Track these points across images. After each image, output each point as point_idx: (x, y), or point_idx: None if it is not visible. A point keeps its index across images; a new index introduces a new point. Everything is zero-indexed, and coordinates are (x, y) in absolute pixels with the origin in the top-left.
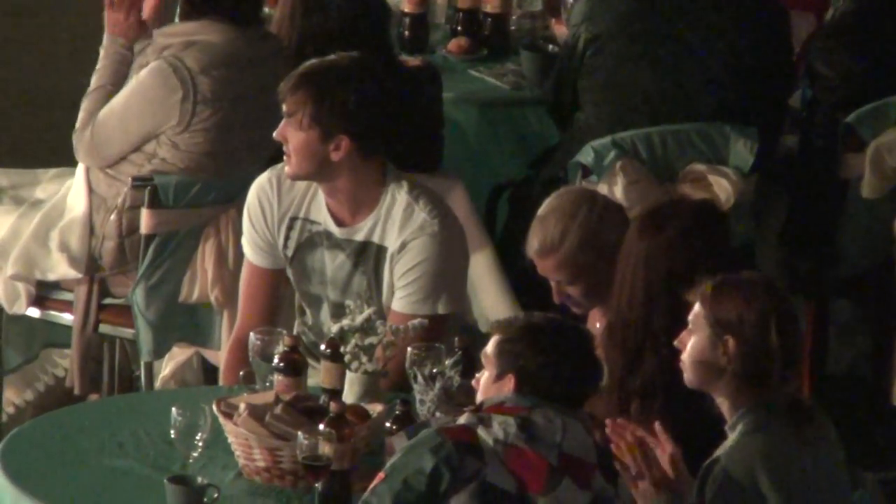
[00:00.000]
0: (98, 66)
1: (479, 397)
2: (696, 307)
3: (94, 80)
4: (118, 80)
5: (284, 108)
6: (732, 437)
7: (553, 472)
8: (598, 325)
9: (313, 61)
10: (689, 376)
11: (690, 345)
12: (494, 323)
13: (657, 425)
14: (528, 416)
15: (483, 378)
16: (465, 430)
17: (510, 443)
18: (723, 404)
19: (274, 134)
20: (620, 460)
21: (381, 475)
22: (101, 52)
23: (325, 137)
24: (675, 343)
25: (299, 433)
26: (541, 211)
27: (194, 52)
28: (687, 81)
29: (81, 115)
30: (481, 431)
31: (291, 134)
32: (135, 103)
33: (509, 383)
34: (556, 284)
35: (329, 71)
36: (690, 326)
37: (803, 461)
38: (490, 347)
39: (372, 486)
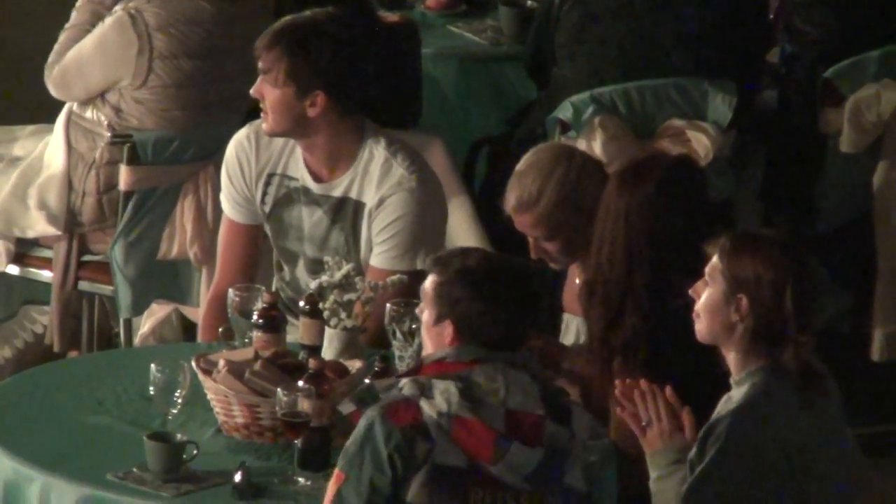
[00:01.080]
0: (78, 3)
1: (423, 335)
2: (714, 259)
3: (73, 17)
4: (96, 21)
5: (260, 64)
6: (737, 396)
7: (500, 440)
8: (576, 281)
9: (288, 18)
10: (700, 327)
11: (705, 296)
12: (430, 259)
13: (669, 390)
14: (469, 375)
15: (423, 316)
16: (409, 408)
17: (454, 413)
18: (732, 359)
19: (251, 90)
20: (628, 407)
21: (339, 475)
22: None
23: (301, 94)
24: (690, 292)
25: (278, 389)
26: (519, 166)
27: (155, 6)
28: (662, 35)
29: (55, 49)
30: (424, 405)
31: (268, 91)
32: (94, 50)
33: (449, 329)
34: (533, 240)
35: (304, 27)
36: (706, 277)
37: (807, 426)
38: (427, 286)
39: (335, 488)
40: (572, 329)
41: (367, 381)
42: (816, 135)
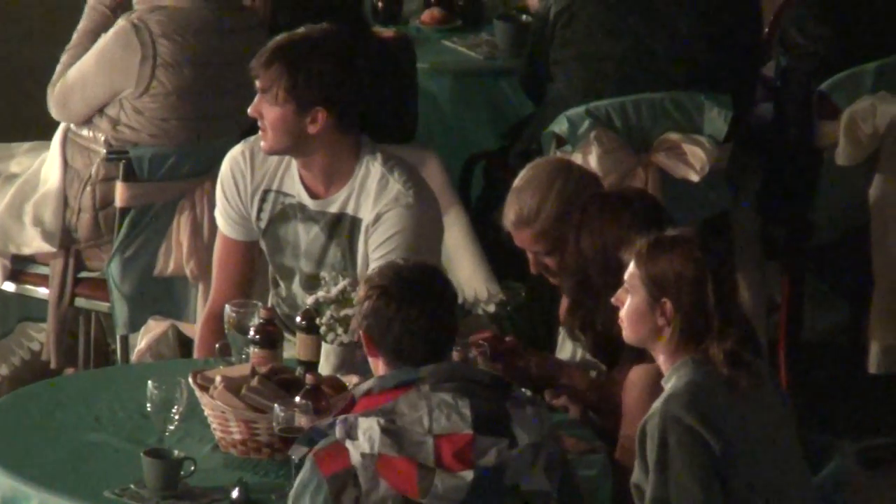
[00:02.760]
0: (80, 25)
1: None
2: (632, 266)
3: (75, 38)
4: (94, 36)
5: (258, 83)
6: (665, 391)
7: (423, 472)
8: None
9: (284, 35)
10: (627, 334)
11: (627, 305)
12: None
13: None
14: (393, 407)
15: None
16: (337, 453)
17: (377, 452)
18: (661, 361)
19: (248, 110)
20: None
21: None
22: (86, 9)
23: (302, 111)
24: (613, 300)
25: (275, 405)
26: (516, 182)
27: (159, 15)
28: (658, 50)
29: (57, 70)
30: (350, 448)
31: (267, 109)
32: (96, 61)
33: (365, 344)
34: (533, 256)
35: (302, 44)
36: (626, 286)
37: (740, 411)
38: None
39: None
40: (568, 344)
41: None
42: (812, 148)
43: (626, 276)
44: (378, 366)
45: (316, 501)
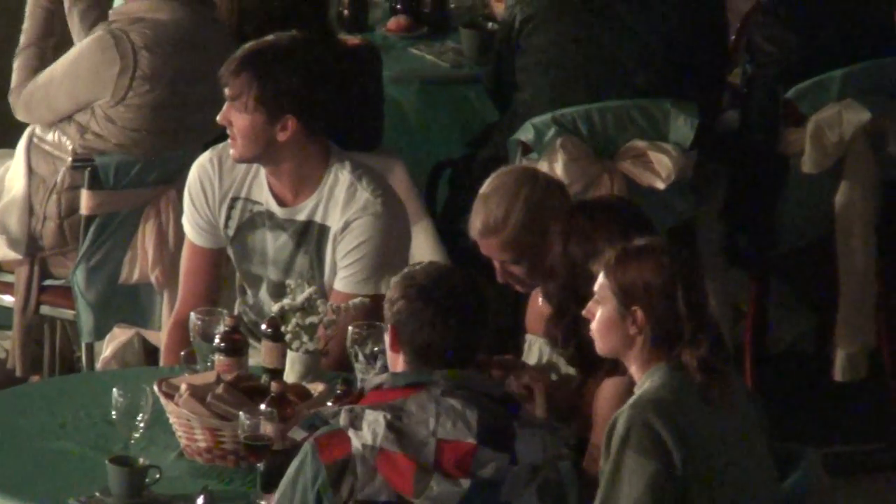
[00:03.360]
0: (24, 26)
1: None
2: (601, 277)
3: (23, 40)
4: (46, 35)
5: (227, 91)
6: (637, 393)
7: (421, 473)
8: (539, 302)
9: (253, 43)
10: (599, 346)
11: (598, 316)
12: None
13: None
14: (402, 405)
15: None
16: (339, 441)
17: (378, 446)
18: (634, 371)
19: (217, 117)
20: None
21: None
22: (28, 10)
23: (272, 119)
24: (584, 313)
25: (241, 413)
26: (483, 190)
27: (141, 27)
28: (624, 58)
29: (15, 73)
30: (353, 437)
31: (236, 117)
32: (73, 70)
33: (389, 334)
34: (499, 264)
35: (271, 52)
36: (597, 297)
37: (709, 420)
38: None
39: None
40: (535, 349)
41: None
42: (778, 155)
43: (595, 288)
44: (397, 362)
45: (314, 487)
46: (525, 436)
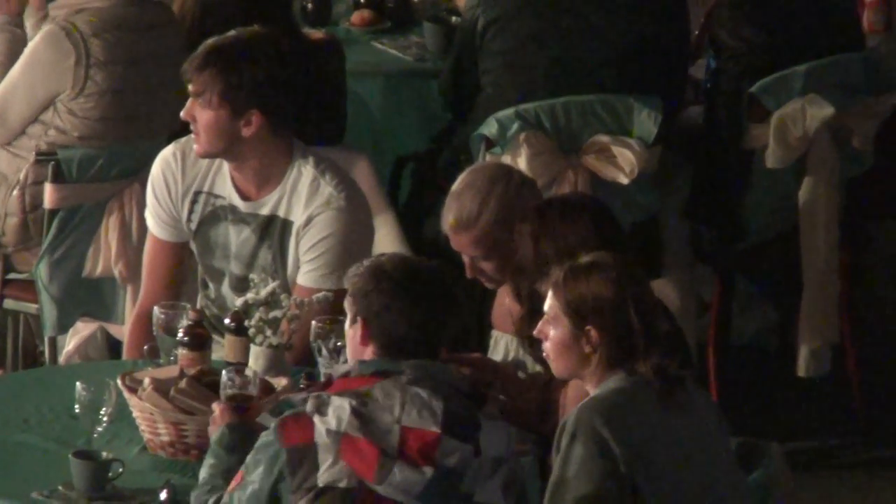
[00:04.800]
0: None
1: (347, 346)
2: (550, 298)
3: None
4: (11, 56)
5: (191, 88)
6: (591, 394)
7: (384, 459)
8: (506, 300)
9: (215, 39)
10: (556, 368)
11: (552, 337)
12: (351, 269)
13: None
14: (368, 391)
15: (346, 324)
16: (302, 426)
17: (343, 431)
18: (591, 389)
19: (181, 114)
20: None
21: (240, 474)
22: None
23: (236, 114)
24: (535, 333)
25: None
26: (455, 186)
27: (85, 15)
28: (589, 56)
29: None
30: (317, 422)
31: (200, 112)
32: (30, 70)
33: (358, 327)
34: (469, 260)
35: (234, 47)
36: (548, 318)
37: (664, 423)
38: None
39: (233, 486)
40: (501, 346)
41: None
42: (742, 150)
43: (545, 308)
44: (366, 354)
45: (271, 467)
46: (489, 428)
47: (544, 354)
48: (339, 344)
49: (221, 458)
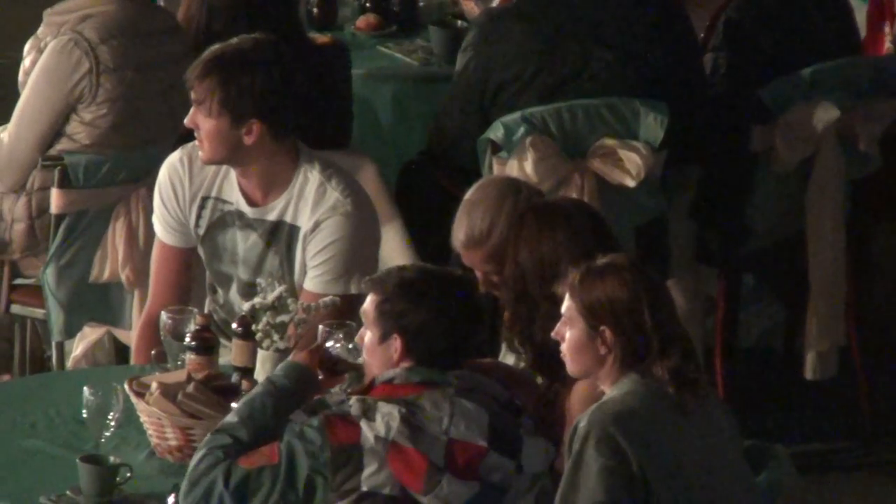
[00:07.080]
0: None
1: (364, 357)
2: (567, 299)
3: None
4: None
5: (193, 95)
6: (604, 396)
7: (433, 471)
8: None
9: (217, 46)
10: (571, 368)
11: (568, 339)
12: (367, 281)
13: None
14: (415, 400)
15: (366, 338)
16: (350, 427)
17: (391, 440)
18: (607, 389)
19: (185, 121)
20: None
21: (274, 454)
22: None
23: (237, 123)
24: (553, 334)
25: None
26: (466, 201)
27: (91, 23)
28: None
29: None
30: (364, 427)
31: (202, 121)
32: (45, 85)
33: (396, 344)
34: (483, 274)
35: (234, 56)
36: (565, 319)
37: (679, 427)
38: (368, 307)
39: (258, 461)
40: (510, 356)
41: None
42: (748, 153)
43: (563, 310)
44: (380, 354)
45: (314, 460)
46: (530, 445)
47: (561, 355)
48: (350, 347)
49: (264, 400)
